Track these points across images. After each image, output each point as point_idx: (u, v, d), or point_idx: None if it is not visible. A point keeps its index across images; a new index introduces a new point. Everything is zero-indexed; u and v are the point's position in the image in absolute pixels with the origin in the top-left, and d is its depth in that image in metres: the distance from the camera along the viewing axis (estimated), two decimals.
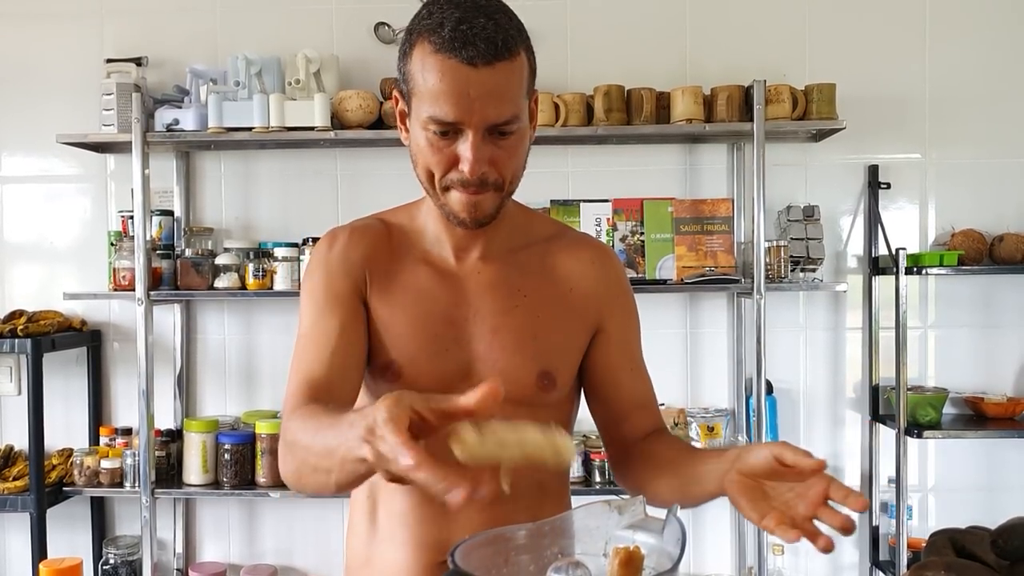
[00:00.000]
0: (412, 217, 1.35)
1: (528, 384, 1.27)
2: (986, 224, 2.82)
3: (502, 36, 1.13)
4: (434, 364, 1.26)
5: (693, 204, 2.80)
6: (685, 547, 0.98)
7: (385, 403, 0.91)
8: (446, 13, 1.13)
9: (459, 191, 1.18)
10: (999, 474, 2.89)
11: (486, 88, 1.13)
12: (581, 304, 1.33)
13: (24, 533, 2.74)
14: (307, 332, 1.27)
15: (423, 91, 1.15)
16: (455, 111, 1.13)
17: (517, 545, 1.04)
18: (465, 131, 1.15)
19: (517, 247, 1.33)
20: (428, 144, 1.17)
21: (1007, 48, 2.87)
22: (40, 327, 2.71)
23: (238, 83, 2.67)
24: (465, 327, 1.28)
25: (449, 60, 1.12)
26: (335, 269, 1.29)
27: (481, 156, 1.15)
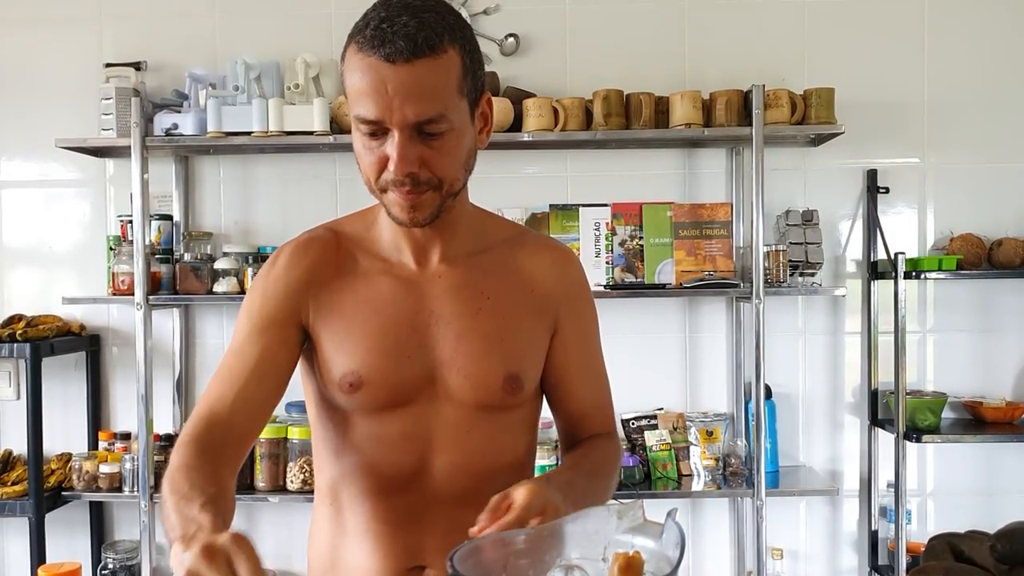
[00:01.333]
0: (367, 224, 1.32)
1: (495, 387, 1.26)
2: (985, 228, 2.82)
3: (424, 33, 1.11)
4: (397, 372, 1.24)
5: (692, 208, 2.81)
6: (684, 551, 0.98)
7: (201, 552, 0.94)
8: (372, 14, 1.13)
9: (394, 192, 1.17)
10: (998, 478, 2.89)
11: (405, 86, 1.11)
12: (541, 305, 1.32)
13: (23, 538, 2.74)
14: (228, 358, 1.28)
15: (350, 91, 1.15)
16: (375, 109, 1.12)
17: (516, 550, 1.04)
18: (391, 131, 1.13)
19: (477, 250, 1.31)
20: (361, 146, 1.17)
21: (1005, 53, 2.87)
22: (39, 331, 2.71)
23: (237, 87, 2.67)
24: (428, 332, 1.26)
25: (368, 58, 1.12)
26: (271, 291, 1.27)
27: (407, 155, 1.14)
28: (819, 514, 2.93)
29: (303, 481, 2.67)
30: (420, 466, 1.25)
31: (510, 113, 2.68)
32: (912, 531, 2.79)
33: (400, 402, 1.25)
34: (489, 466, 1.26)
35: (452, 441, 1.26)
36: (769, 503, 2.62)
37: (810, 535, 2.93)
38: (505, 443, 1.31)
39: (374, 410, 1.25)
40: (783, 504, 2.85)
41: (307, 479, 2.67)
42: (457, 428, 1.26)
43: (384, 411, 1.25)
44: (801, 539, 2.92)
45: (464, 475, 1.25)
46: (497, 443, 1.30)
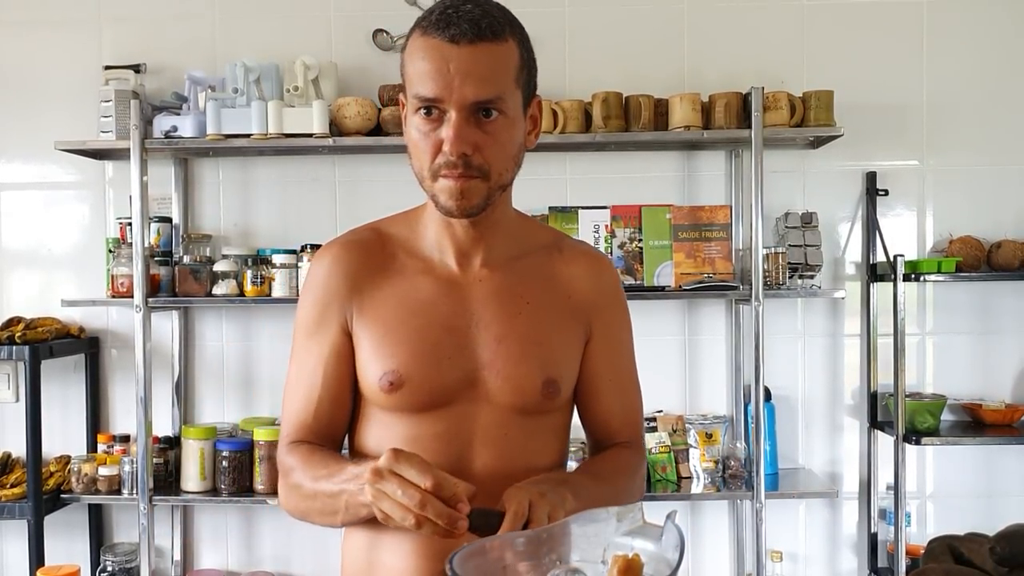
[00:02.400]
0: (411, 225, 1.35)
1: (534, 391, 1.28)
2: (984, 231, 2.82)
3: (488, 20, 1.16)
4: (437, 372, 1.26)
5: (691, 211, 2.81)
6: (684, 554, 0.98)
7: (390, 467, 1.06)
8: (438, 5, 1.18)
9: (446, 177, 1.19)
10: (997, 481, 2.89)
11: (466, 65, 1.15)
12: (577, 311, 1.34)
13: (22, 540, 2.74)
14: (296, 367, 1.33)
15: (411, 75, 1.18)
16: (435, 87, 1.15)
17: (515, 552, 1.04)
18: (448, 112, 1.16)
19: (517, 254, 1.33)
20: (417, 131, 1.19)
21: (1004, 55, 2.87)
22: (38, 334, 2.71)
23: (236, 90, 2.67)
24: (468, 334, 1.28)
25: (432, 39, 1.16)
26: (319, 296, 1.31)
27: (463, 135, 1.16)
28: (818, 516, 2.93)
29: None
30: (457, 468, 1.25)
31: None
32: (912, 533, 2.79)
33: (439, 403, 1.26)
34: (525, 469, 1.27)
35: (490, 443, 1.27)
36: (768, 505, 2.62)
37: (809, 537, 2.93)
38: (540, 447, 1.32)
39: (413, 410, 1.27)
40: (782, 506, 2.85)
41: None
42: (495, 430, 1.27)
43: (423, 412, 1.27)
44: (800, 541, 2.92)
45: (500, 477, 1.25)
46: (533, 447, 1.31)
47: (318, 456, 1.25)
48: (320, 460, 1.24)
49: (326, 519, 1.24)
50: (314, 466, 1.23)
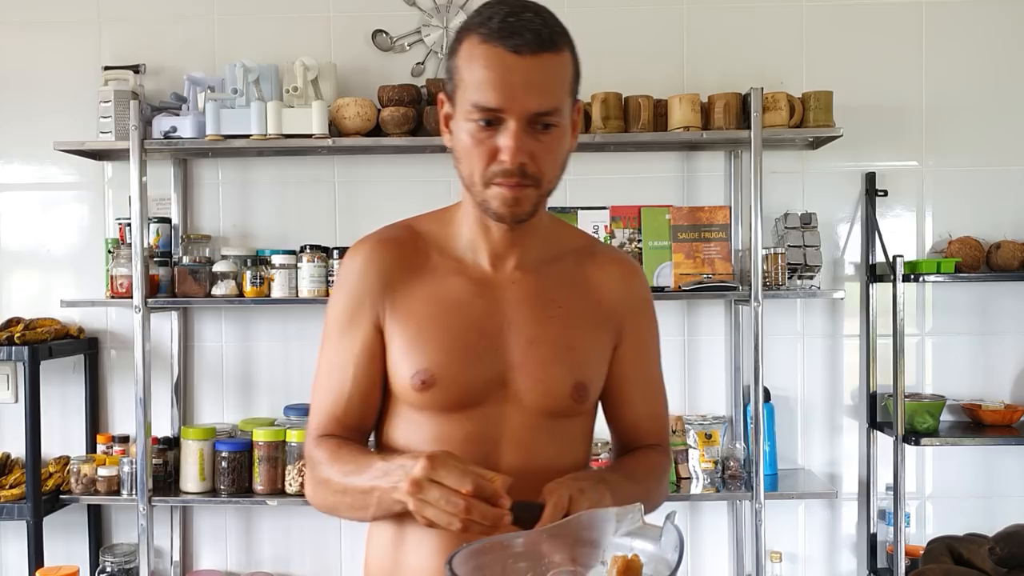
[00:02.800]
0: (444, 223, 1.35)
1: (564, 395, 1.29)
2: (983, 231, 2.82)
3: (548, 30, 1.17)
4: (468, 373, 1.26)
5: (690, 211, 2.81)
6: (683, 554, 0.98)
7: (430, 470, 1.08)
8: (495, 9, 1.18)
9: (501, 185, 1.19)
10: (997, 481, 2.89)
11: (529, 77, 1.15)
12: (607, 317, 1.35)
13: (21, 541, 2.73)
14: (328, 361, 1.33)
15: (468, 82, 1.18)
16: (498, 97, 1.15)
17: (515, 553, 1.04)
18: (507, 121, 1.17)
19: (550, 258, 1.34)
20: (470, 137, 1.19)
21: (1003, 56, 2.88)
22: (37, 335, 2.71)
23: (236, 91, 2.67)
24: (500, 335, 1.28)
25: (495, 48, 1.15)
26: (353, 291, 1.31)
27: (522, 146, 1.17)
28: (818, 517, 2.93)
29: (301, 484, 2.67)
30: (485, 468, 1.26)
31: None
32: (911, 534, 2.79)
33: (469, 403, 1.27)
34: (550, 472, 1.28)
35: (517, 445, 1.28)
36: (768, 506, 2.62)
37: (809, 538, 2.93)
38: (566, 450, 1.33)
39: (443, 409, 1.27)
40: (782, 507, 2.85)
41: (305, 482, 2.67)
42: (523, 432, 1.28)
43: (452, 411, 1.27)
44: (800, 542, 2.92)
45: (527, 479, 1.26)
46: (559, 449, 1.31)
47: (347, 451, 1.26)
48: (349, 455, 1.25)
49: (356, 513, 1.26)
50: (343, 461, 1.24)
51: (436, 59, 2.91)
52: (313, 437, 1.31)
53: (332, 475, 1.25)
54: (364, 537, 1.40)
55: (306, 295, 2.70)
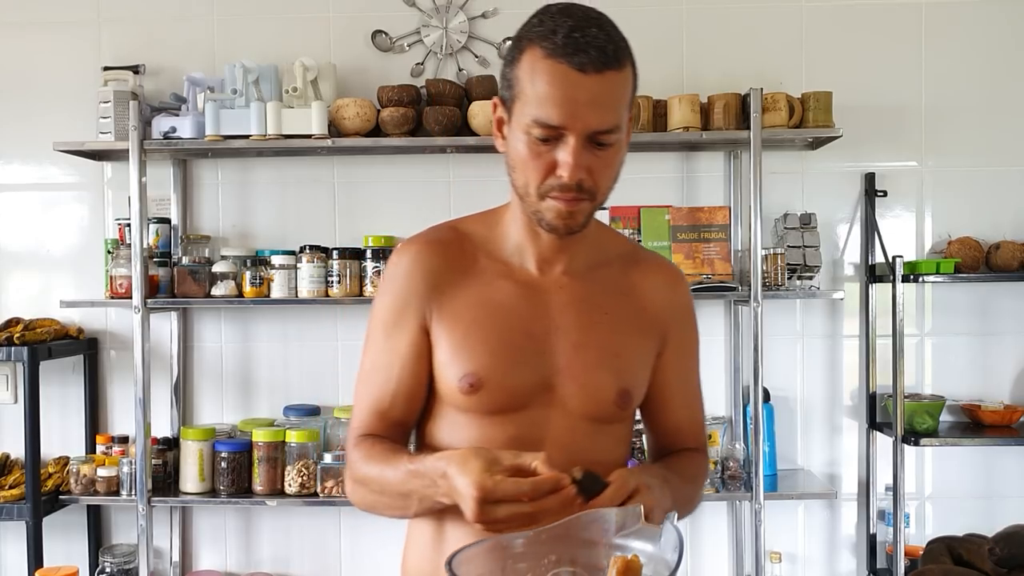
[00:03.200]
0: (490, 226, 1.35)
1: (608, 401, 1.30)
2: (982, 232, 2.82)
3: (612, 47, 1.16)
4: (515, 376, 1.26)
5: (690, 212, 2.81)
6: (682, 555, 0.98)
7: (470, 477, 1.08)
8: (559, 21, 1.17)
9: (556, 199, 1.20)
10: (996, 482, 2.89)
11: (593, 95, 1.15)
12: (652, 324, 1.36)
13: (20, 542, 2.73)
14: (373, 359, 1.32)
15: (529, 95, 1.17)
16: (561, 115, 1.15)
17: (515, 553, 1.04)
18: (566, 137, 1.16)
19: (596, 264, 1.34)
20: (528, 149, 1.19)
21: (1002, 57, 2.88)
22: (36, 335, 2.70)
23: (235, 91, 2.67)
24: (546, 340, 1.28)
25: (559, 65, 1.15)
26: (400, 292, 1.31)
27: (581, 162, 1.17)
28: (817, 517, 2.93)
29: (301, 485, 2.67)
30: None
31: None
32: (910, 534, 2.79)
33: (515, 407, 1.27)
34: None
35: (561, 450, 1.27)
36: (767, 506, 2.62)
37: (808, 538, 2.93)
38: (607, 455, 1.33)
39: (488, 412, 1.27)
40: (781, 507, 2.85)
41: (305, 482, 2.67)
42: (566, 437, 1.28)
43: (498, 415, 1.27)
44: (799, 543, 2.92)
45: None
46: (600, 455, 1.32)
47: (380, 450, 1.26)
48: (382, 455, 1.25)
49: (397, 512, 1.27)
50: (378, 461, 1.24)
51: (435, 59, 2.91)
52: (354, 436, 1.31)
53: (370, 474, 1.25)
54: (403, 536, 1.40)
55: (305, 295, 2.70)
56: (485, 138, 2.67)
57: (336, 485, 2.64)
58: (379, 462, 1.24)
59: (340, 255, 2.70)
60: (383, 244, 2.74)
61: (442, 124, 2.66)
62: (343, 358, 2.94)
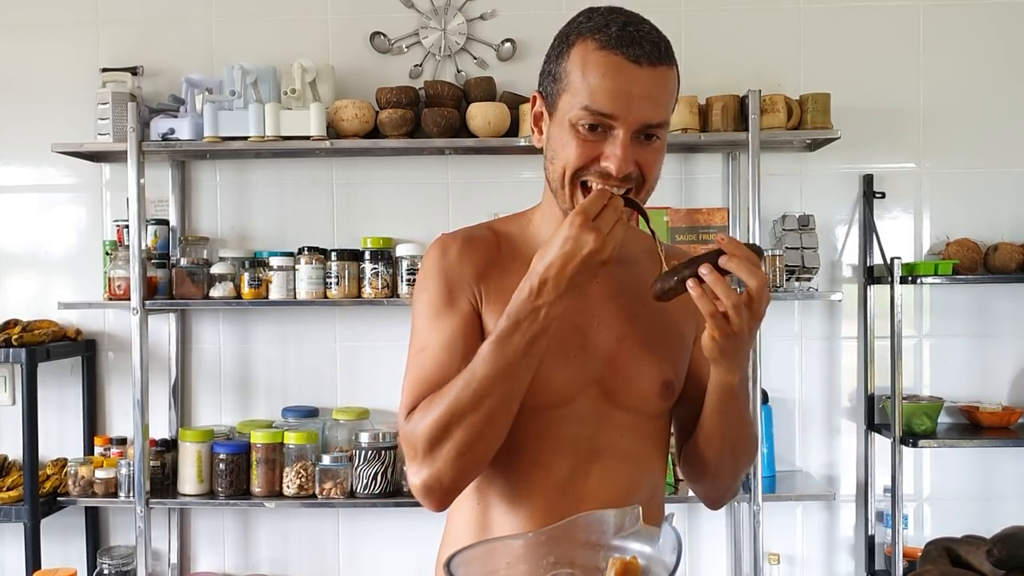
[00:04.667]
0: (523, 226, 1.35)
1: (653, 392, 1.30)
2: (980, 233, 2.83)
3: (664, 43, 1.18)
4: (563, 371, 1.26)
5: (688, 213, 2.81)
6: (681, 556, 0.98)
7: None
8: (610, 17, 1.19)
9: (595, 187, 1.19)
10: (994, 483, 2.89)
11: (645, 88, 1.16)
12: (683, 315, 1.35)
13: (18, 543, 2.73)
14: (425, 344, 1.26)
15: (580, 87, 1.18)
16: (613, 105, 1.15)
17: (514, 555, 1.04)
18: (615, 130, 1.17)
19: (627, 259, 1.34)
20: (575, 140, 1.19)
21: (1000, 59, 2.88)
22: (34, 337, 2.70)
23: (234, 92, 2.67)
24: (589, 334, 1.28)
25: (614, 56, 1.16)
26: (451, 279, 1.28)
27: (628, 156, 1.17)
28: (816, 519, 2.93)
29: (299, 486, 2.67)
30: (576, 467, 1.26)
31: (507, 118, 2.69)
32: (909, 536, 2.79)
33: (561, 402, 1.26)
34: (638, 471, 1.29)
35: (608, 443, 1.27)
36: (766, 508, 2.62)
37: (807, 540, 2.93)
38: (650, 449, 1.34)
39: (535, 408, 1.25)
40: (780, 509, 2.85)
41: (303, 484, 2.67)
42: (614, 431, 1.28)
43: (545, 410, 1.26)
44: (798, 544, 2.92)
45: (615, 478, 1.27)
46: (646, 449, 1.32)
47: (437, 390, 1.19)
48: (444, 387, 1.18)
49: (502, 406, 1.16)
50: (446, 388, 1.17)
51: (434, 61, 2.91)
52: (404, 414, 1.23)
53: (448, 405, 1.16)
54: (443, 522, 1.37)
55: (304, 297, 2.70)
56: (483, 140, 2.67)
57: (334, 487, 2.64)
58: (445, 389, 1.17)
59: (339, 256, 2.70)
60: (381, 245, 2.75)
61: (440, 126, 2.66)
62: (342, 359, 2.94)
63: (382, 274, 2.70)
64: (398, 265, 2.71)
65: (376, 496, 2.65)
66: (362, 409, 2.83)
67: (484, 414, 1.15)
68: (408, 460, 1.22)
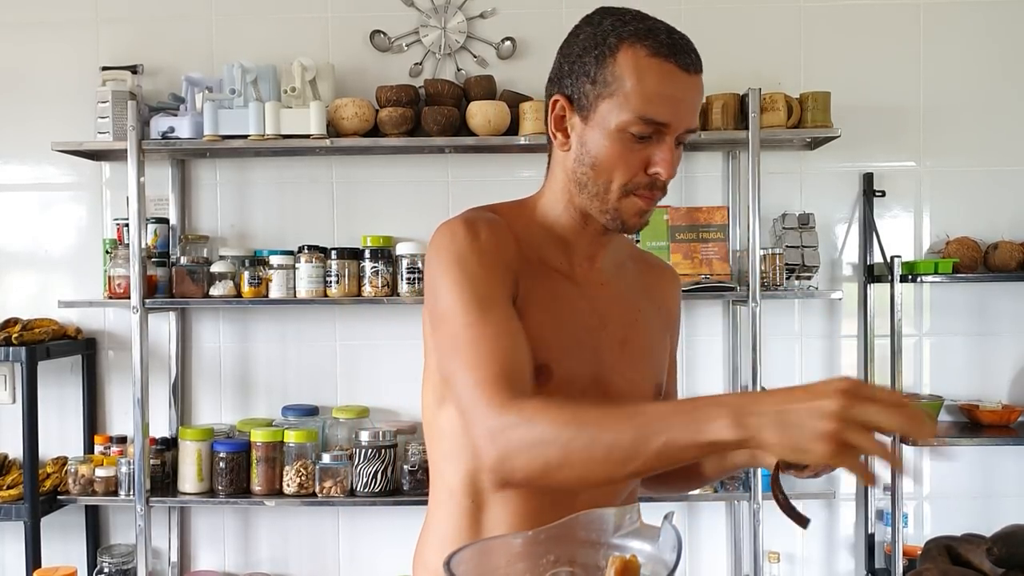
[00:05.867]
0: (526, 219, 1.30)
1: (648, 394, 1.32)
2: (980, 232, 2.83)
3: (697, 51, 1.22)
4: (577, 370, 1.25)
5: (688, 212, 2.81)
6: (681, 555, 0.98)
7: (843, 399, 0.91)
8: (651, 23, 1.20)
9: (641, 197, 1.21)
10: (994, 481, 2.89)
11: (692, 95, 1.21)
12: (666, 321, 1.40)
13: (18, 542, 2.73)
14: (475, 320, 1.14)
15: (632, 93, 1.17)
16: (669, 113, 1.17)
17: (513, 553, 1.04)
18: (664, 136, 1.18)
19: (619, 263, 1.36)
20: (621, 147, 1.19)
21: (1000, 57, 2.88)
22: (35, 335, 2.70)
23: (234, 91, 2.67)
24: (597, 336, 1.29)
25: (666, 64, 1.18)
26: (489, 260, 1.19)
27: (675, 160, 1.20)
28: (816, 517, 2.93)
29: (299, 485, 2.67)
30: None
31: (507, 116, 2.68)
32: (909, 534, 2.79)
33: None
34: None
35: None
36: (766, 506, 2.62)
37: (807, 539, 2.93)
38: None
39: None
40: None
41: (303, 483, 2.67)
42: None
43: None
44: (798, 543, 2.92)
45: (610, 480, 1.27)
46: None
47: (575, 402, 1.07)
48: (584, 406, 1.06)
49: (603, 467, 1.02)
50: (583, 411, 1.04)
51: (434, 59, 2.91)
52: (493, 396, 1.08)
53: (565, 427, 1.03)
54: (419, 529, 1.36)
55: (304, 295, 2.69)
56: (483, 138, 2.67)
57: (334, 485, 2.64)
58: (581, 412, 1.04)
59: (339, 255, 2.70)
60: (381, 244, 2.75)
61: (440, 124, 2.66)
62: (342, 358, 2.94)
63: (382, 273, 2.70)
64: (398, 264, 2.71)
65: (376, 495, 2.65)
66: (362, 408, 2.83)
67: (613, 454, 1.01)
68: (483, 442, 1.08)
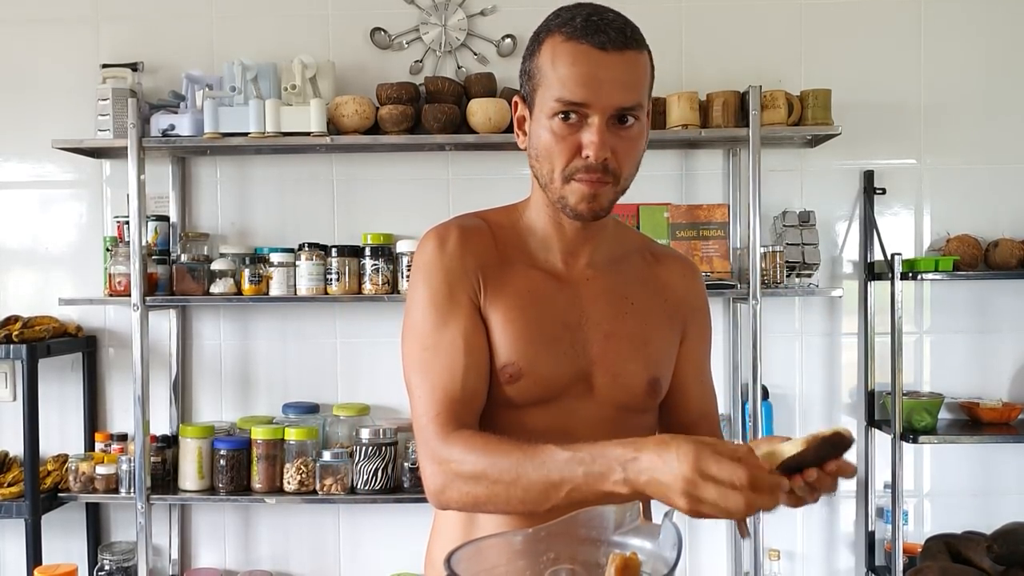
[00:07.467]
0: (513, 220, 1.35)
1: (639, 390, 1.31)
2: (981, 230, 2.82)
3: (630, 28, 1.21)
4: (554, 367, 1.27)
5: (689, 210, 2.81)
6: (681, 553, 0.98)
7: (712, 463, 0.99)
8: (576, 11, 1.21)
9: (581, 181, 1.21)
10: (994, 479, 2.89)
11: (614, 73, 1.19)
12: (673, 313, 1.38)
13: (19, 539, 2.73)
14: (432, 343, 1.25)
15: (551, 79, 1.20)
16: (584, 92, 1.18)
17: (513, 551, 1.04)
18: (590, 117, 1.19)
19: (617, 257, 1.36)
20: (552, 134, 1.21)
21: (1001, 54, 2.88)
22: (35, 333, 2.70)
23: (234, 88, 2.67)
24: (579, 331, 1.29)
25: (580, 45, 1.18)
26: (452, 271, 1.27)
27: (605, 141, 1.19)
28: (816, 515, 2.93)
29: (300, 482, 2.67)
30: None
31: (507, 114, 2.68)
32: (909, 532, 2.79)
33: (549, 397, 1.28)
34: None
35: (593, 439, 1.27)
36: None
37: (807, 536, 2.93)
38: None
39: (524, 402, 1.27)
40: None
41: (304, 480, 2.67)
42: (598, 426, 1.27)
43: (533, 405, 1.27)
44: (798, 540, 2.93)
45: None
46: None
47: (498, 443, 1.15)
48: (512, 446, 1.13)
49: (525, 507, 1.12)
50: (504, 453, 1.13)
51: (434, 57, 2.91)
52: (438, 427, 1.20)
53: (490, 468, 1.13)
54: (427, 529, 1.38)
55: (304, 293, 2.70)
56: (484, 136, 2.67)
57: (335, 483, 2.65)
58: (508, 453, 1.12)
59: (339, 253, 2.70)
60: (382, 242, 2.75)
61: (441, 122, 2.66)
62: (342, 356, 2.95)
63: (382, 270, 2.70)
64: (398, 261, 2.71)
65: (376, 492, 2.65)
66: (362, 405, 2.83)
67: (524, 501, 1.12)
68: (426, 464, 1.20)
